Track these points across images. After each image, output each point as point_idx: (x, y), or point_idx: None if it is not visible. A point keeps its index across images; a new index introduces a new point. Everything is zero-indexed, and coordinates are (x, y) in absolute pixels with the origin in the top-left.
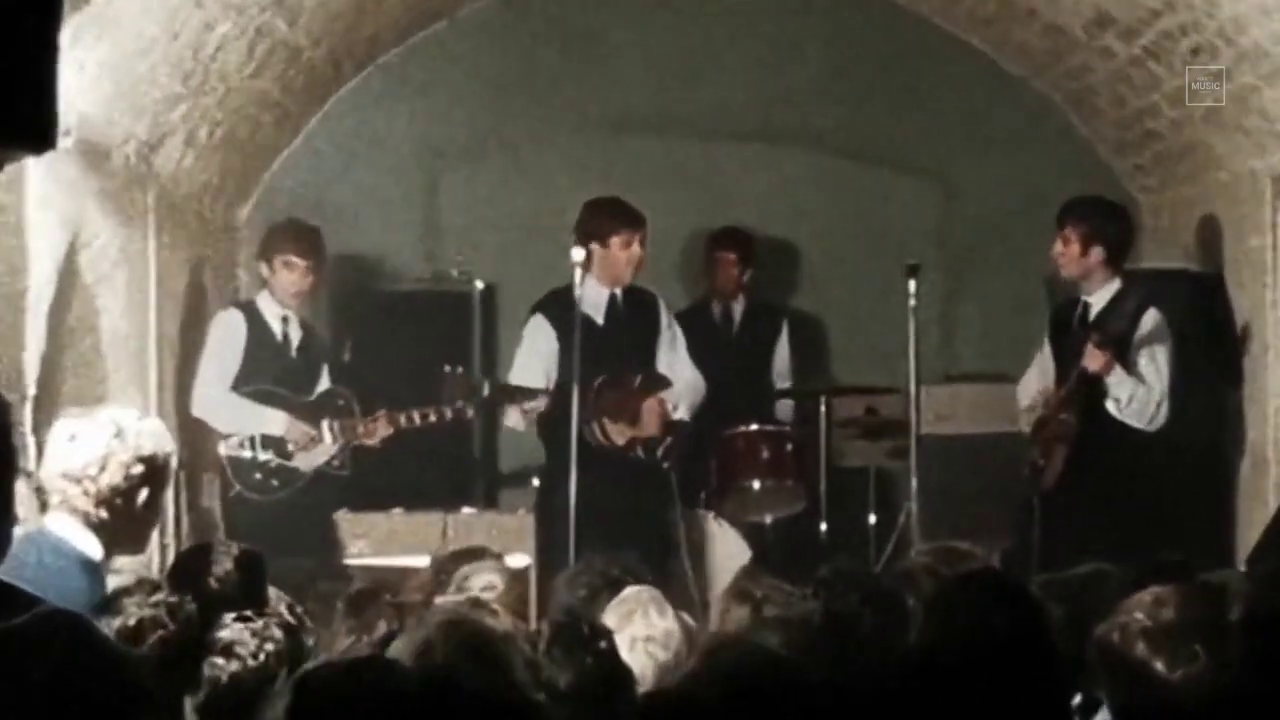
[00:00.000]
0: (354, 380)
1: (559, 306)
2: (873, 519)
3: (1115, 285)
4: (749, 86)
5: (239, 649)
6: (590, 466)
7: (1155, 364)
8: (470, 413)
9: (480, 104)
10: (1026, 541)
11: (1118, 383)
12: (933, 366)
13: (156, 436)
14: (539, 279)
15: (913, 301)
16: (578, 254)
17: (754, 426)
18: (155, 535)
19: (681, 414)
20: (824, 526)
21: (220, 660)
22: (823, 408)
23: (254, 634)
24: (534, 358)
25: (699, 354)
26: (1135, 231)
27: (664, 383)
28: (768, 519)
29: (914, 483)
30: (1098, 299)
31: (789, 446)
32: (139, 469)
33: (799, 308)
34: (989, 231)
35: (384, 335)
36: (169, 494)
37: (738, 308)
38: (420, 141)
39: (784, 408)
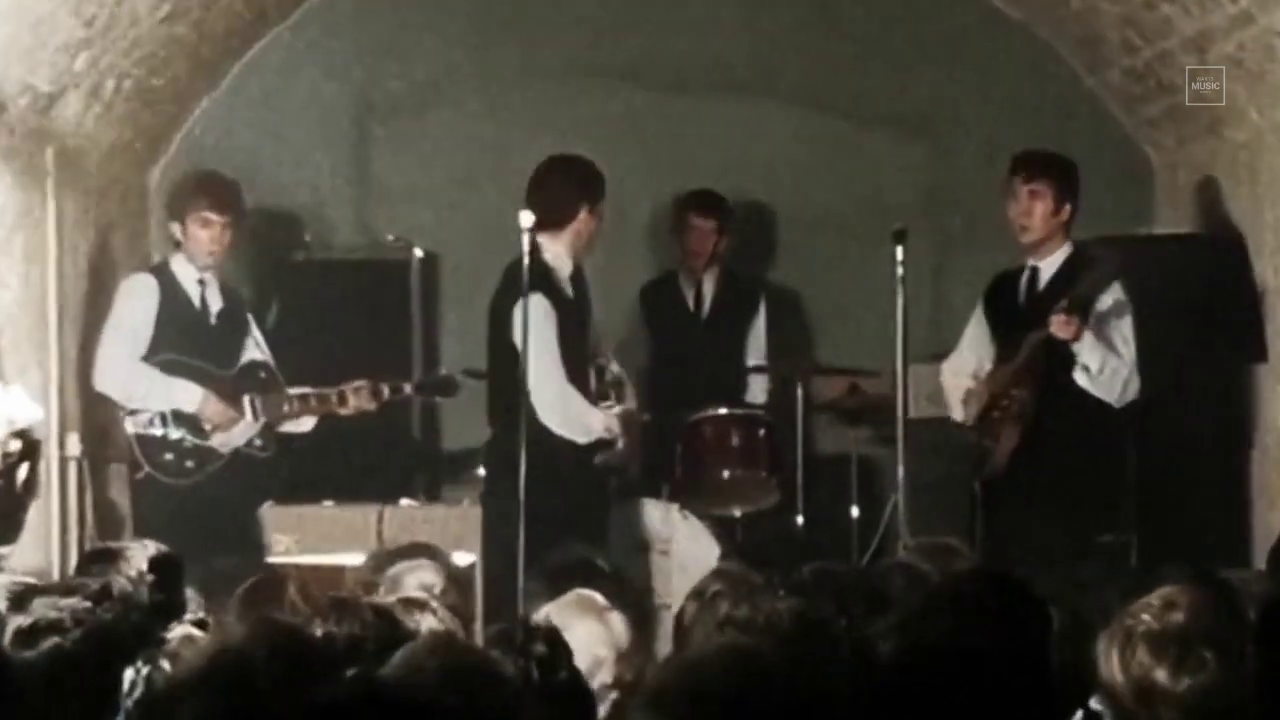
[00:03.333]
0: (278, 359)
1: (547, 283)
2: (855, 512)
3: (1066, 250)
4: (719, 33)
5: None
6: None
7: (1121, 334)
8: (408, 389)
9: (421, 52)
10: (968, 533)
11: (1087, 349)
12: (921, 343)
13: (23, 405)
14: (485, 247)
15: (899, 271)
16: (526, 219)
17: (723, 410)
18: (57, 532)
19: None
20: (801, 521)
21: (166, 664)
22: (799, 390)
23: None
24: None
25: (665, 332)
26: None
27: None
28: (738, 513)
29: (900, 472)
30: (1048, 265)
31: (762, 433)
32: (16, 445)
33: (774, 279)
34: (984, 194)
35: (313, 309)
36: (43, 468)
37: (710, 282)
38: (354, 93)
39: (758, 391)
